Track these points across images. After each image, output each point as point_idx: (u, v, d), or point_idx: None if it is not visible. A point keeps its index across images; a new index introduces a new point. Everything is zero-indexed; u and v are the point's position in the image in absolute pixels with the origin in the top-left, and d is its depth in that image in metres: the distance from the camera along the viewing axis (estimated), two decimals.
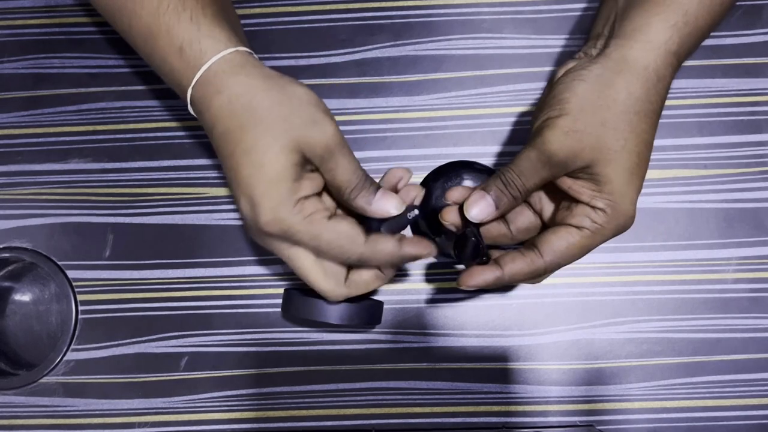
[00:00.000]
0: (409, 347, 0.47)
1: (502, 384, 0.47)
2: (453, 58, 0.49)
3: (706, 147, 0.48)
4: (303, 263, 0.37)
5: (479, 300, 0.47)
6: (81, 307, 0.48)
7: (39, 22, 0.51)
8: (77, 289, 0.48)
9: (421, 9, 0.50)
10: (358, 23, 0.50)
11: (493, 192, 0.36)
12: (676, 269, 0.47)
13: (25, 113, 0.50)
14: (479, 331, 0.47)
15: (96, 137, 0.49)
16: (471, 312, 0.47)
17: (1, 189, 0.49)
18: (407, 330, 0.47)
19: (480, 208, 0.36)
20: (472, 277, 0.37)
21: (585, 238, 0.36)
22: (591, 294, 0.47)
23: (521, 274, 0.37)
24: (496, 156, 0.48)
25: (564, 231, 0.36)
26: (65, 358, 0.48)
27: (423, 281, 0.48)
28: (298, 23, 0.50)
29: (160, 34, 0.37)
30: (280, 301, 0.47)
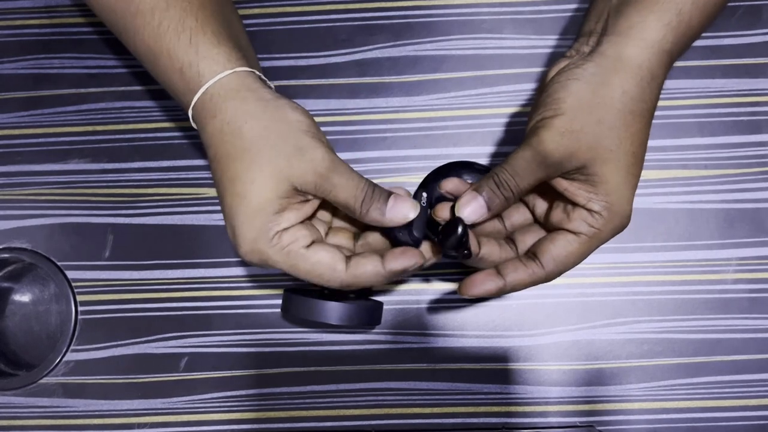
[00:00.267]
0: (409, 348, 0.47)
1: (502, 384, 0.47)
2: (453, 58, 0.49)
3: (706, 147, 0.48)
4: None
5: (479, 301, 0.47)
6: (80, 308, 0.48)
7: (39, 22, 0.51)
8: (77, 290, 0.48)
9: (421, 9, 0.50)
10: (358, 23, 0.50)
11: (485, 193, 0.36)
12: (676, 269, 0.47)
13: (25, 113, 0.50)
14: (479, 332, 0.47)
15: (96, 137, 0.49)
16: (471, 312, 0.47)
17: (1, 189, 0.49)
18: (407, 330, 0.47)
19: (472, 209, 0.36)
20: (474, 286, 0.37)
21: (583, 244, 0.36)
22: (591, 294, 0.47)
23: (523, 284, 0.37)
24: (495, 156, 0.48)
25: (562, 239, 0.36)
26: (65, 358, 0.48)
27: (423, 282, 0.48)
28: (298, 23, 0.50)
29: (161, 54, 0.37)
30: (280, 302, 0.47)
